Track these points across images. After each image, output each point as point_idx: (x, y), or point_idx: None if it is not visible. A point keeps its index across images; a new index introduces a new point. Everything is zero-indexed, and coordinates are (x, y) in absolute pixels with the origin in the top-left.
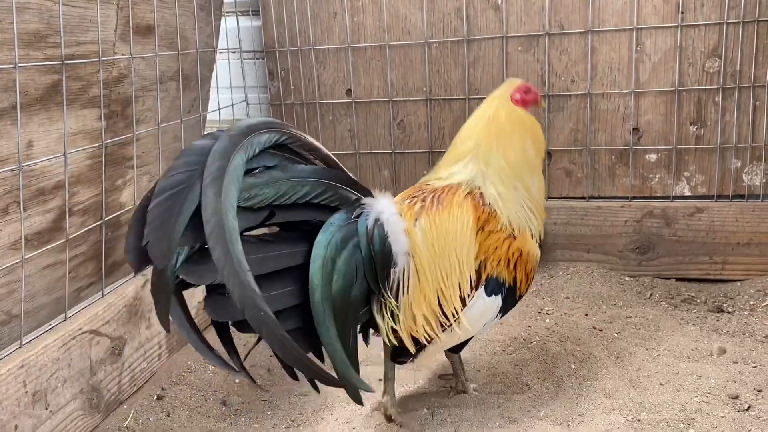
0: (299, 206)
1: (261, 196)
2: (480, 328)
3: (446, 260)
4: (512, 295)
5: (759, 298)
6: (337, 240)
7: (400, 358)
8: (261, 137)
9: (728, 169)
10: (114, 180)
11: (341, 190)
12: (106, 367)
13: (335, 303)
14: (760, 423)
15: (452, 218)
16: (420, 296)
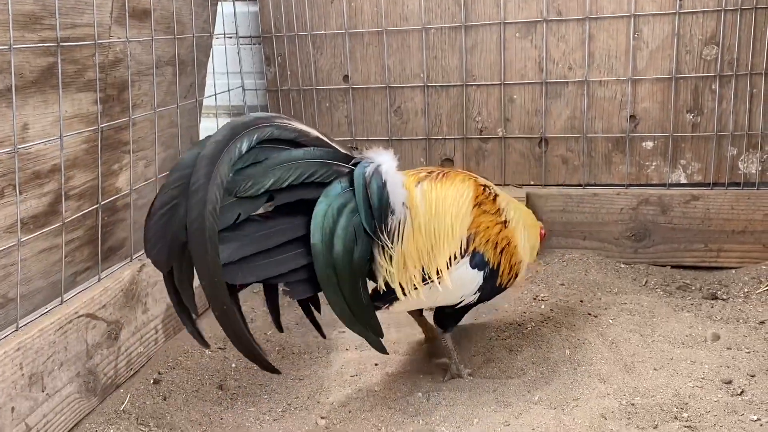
0: (295, 187)
1: (257, 185)
2: (456, 297)
3: (441, 221)
4: (493, 278)
5: (753, 286)
6: (334, 208)
7: (377, 302)
8: (244, 138)
9: (724, 156)
10: (110, 165)
11: (335, 166)
12: (103, 350)
13: (339, 267)
14: (752, 407)
15: (453, 188)
16: (412, 246)
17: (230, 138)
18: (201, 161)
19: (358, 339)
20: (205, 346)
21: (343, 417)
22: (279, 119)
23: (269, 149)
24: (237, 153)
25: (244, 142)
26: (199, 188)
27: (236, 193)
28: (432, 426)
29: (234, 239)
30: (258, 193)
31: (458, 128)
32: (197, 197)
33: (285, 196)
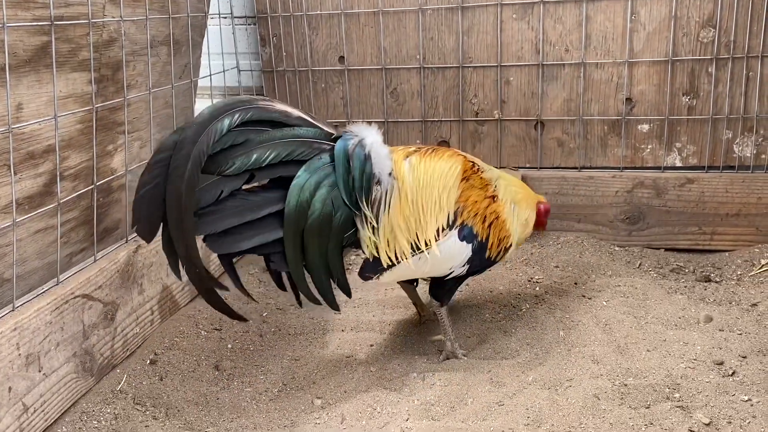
0: (275, 165)
1: (236, 165)
2: (446, 269)
3: (428, 193)
4: (482, 251)
5: (746, 268)
6: (312, 182)
7: (367, 273)
8: (225, 120)
9: (719, 140)
10: (105, 145)
11: (317, 143)
12: (99, 331)
13: (312, 235)
14: (743, 388)
15: (442, 161)
16: (400, 217)
17: (211, 120)
18: (182, 142)
19: (354, 320)
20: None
21: (339, 397)
22: (261, 101)
23: (250, 131)
24: (217, 134)
25: (225, 123)
26: (178, 166)
27: (219, 171)
28: (427, 405)
29: (217, 212)
30: (239, 172)
31: (454, 110)
32: (176, 174)
33: (265, 173)
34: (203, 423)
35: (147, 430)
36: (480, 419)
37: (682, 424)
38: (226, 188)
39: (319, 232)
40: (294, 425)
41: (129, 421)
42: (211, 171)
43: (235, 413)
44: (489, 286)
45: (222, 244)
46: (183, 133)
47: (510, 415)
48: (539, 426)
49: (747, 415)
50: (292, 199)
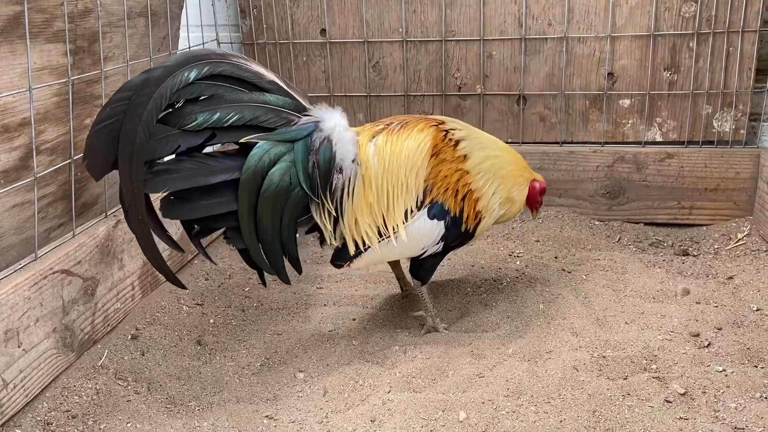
0: (237, 128)
1: (197, 120)
2: (418, 249)
3: (395, 175)
4: (457, 226)
5: (723, 242)
6: (271, 154)
7: (338, 261)
8: (194, 69)
9: (699, 115)
10: (82, 119)
11: (285, 113)
12: (79, 306)
13: (266, 209)
14: (718, 359)
15: (410, 140)
16: (363, 203)
17: (180, 66)
18: (146, 82)
19: (337, 294)
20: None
21: (321, 370)
22: (235, 58)
23: (218, 86)
24: (183, 81)
25: (193, 71)
26: (137, 104)
27: (179, 125)
28: (408, 378)
29: (172, 172)
30: (199, 128)
31: (437, 85)
32: (135, 111)
33: (227, 135)
34: (185, 397)
35: (129, 404)
36: (460, 391)
37: (658, 394)
38: (183, 143)
39: (274, 204)
40: (277, 398)
41: (110, 396)
42: (171, 123)
43: (217, 387)
44: (470, 261)
45: (176, 210)
46: (150, 74)
47: (490, 387)
48: (519, 397)
49: (721, 385)
50: (250, 168)
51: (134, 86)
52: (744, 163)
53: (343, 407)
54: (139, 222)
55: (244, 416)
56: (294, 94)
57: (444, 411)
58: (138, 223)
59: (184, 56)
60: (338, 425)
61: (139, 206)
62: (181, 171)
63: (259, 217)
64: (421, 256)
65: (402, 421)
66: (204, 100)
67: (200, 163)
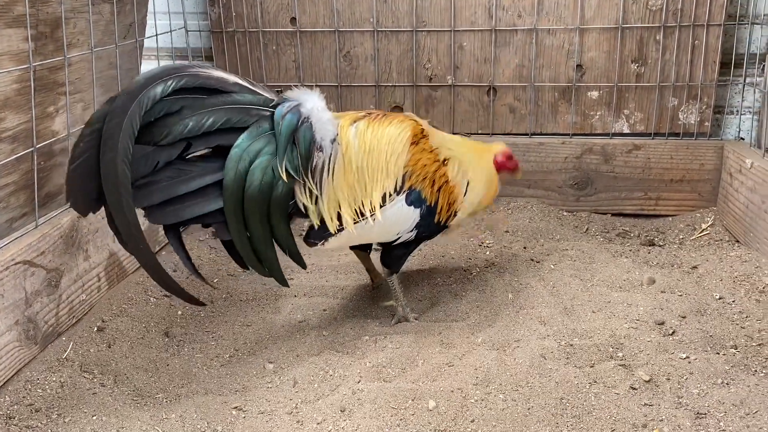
0: (211, 133)
1: (171, 134)
2: (393, 234)
3: (375, 158)
4: (431, 216)
5: (688, 233)
6: (251, 151)
7: (312, 239)
8: (158, 87)
9: (666, 107)
10: (45, 107)
11: (255, 110)
12: (43, 298)
13: (253, 205)
14: (682, 346)
15: (391, 127)
16: (344, 183)
17: (142, 88)
18: (113, 112)
19: (308, 285)
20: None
21: (291, 361)
22: (195, 68)
23: (185, 98)
24: (149, 102)
25: (157, 90)
26: (110, 137)
27: (154, 142)
28: (378, 368)
29: (153, 184)
30: (174, 141)
31: (408, 75)
32: (108, 145)
33: (202, 142)
34: (153, 389)
35: (94, 397)
36: (430, 380)
37: (624, 381)
38: (162, 158)
39: (260, 201)
40: (246, 390)
41: (76, 388)
42: (146, 141)
43: (185, 379)
44: (441, 251)
45: (161, 216)
46: (113, 103)
47: (459, 376)
48: (487, 385)
49: (685, 372)
50: (231, 168)
51: (101, 117)
52: (708, 155)
53: (313, 397)
54: (141, 251)
55: (212, 408)
56: (259, 90)
57: (413, 400)
58: (139, 251)
59: (144, 78)
60: (308, 415)
61: (137, 236)
62: (160, 182)
63: (248, 217)
64: (394, 243)
65: (372, 410)
66: (174, 113)
67: (180, 170)
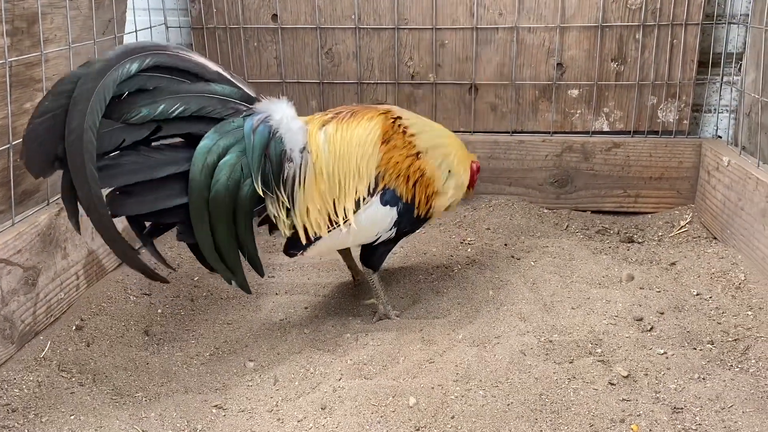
0: (183, 120)
1: (141, 113)
2: (372, 235)
3: (346, 163)
4: (409, 212)
5: (667, 230)
6: (220, 145)
7: (291, 250)
8: (135, 61)
9: (645, 105)
10: (21, 103)
11: (231, 103)
12: (19, 297)
13: (219, 202)
14: (660, 342)
15: (360, 128)
16: (315, 192)
17: (122, 58)
18: (88, 75)
19: (289, 283)
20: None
21: (272, 359)
22: (178, 49)
23: (161, 78)
24: (125, 73)
25: (134, 64)
26: (80, 100)
27: (123, 119)
28: (360, 365)
29: (114, 167)
30: (144, 121)
31: (390, 73)
32: (78, 108)
33: (172, 127)
34: (132, 388)
35: (72, 396)
36: (411, 377)
37: (602, 377)
38: (128, 137)
39: (227, 200)
40: (226, 388)
41: (53, 388)
42: (114, 117)
43: (165, 378)
44: (422, 249)
45: (122, 205)
46: (89, 67)
47: (440, 372)
48: (468, 381)
49: (662, 368)
50: (198, 162)
51: (74, 79)
52: (687, 153)
53: (294, 395)
54: (102, 221)
55: (192, 406)
56: (239, 84)
57: (394, 397)
58: (101, 222)
59: (124, 48)
60: (288, 413)
61: (99, 205)
62: (124, 165)
63: (212, 210)
64: (374, 243)
65: (352, 408)
66: (147, 92)
67: (145, 157)
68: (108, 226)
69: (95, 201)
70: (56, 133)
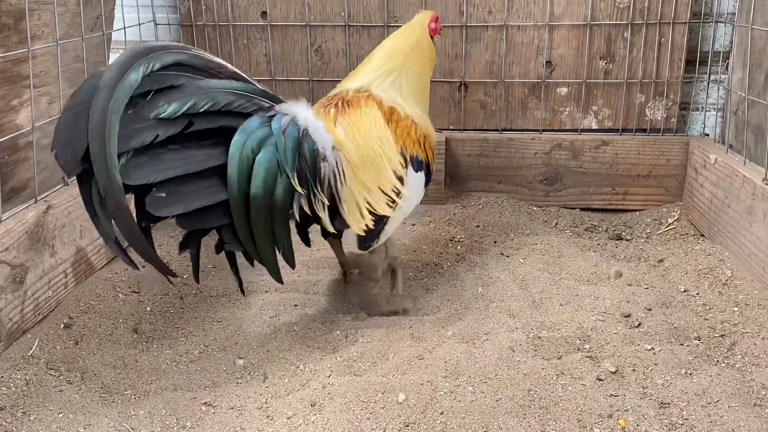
0: (213, 114)
1: (172, 107)
2: (415, 203)
3: (371, 150)
4: (428, 170)
5: (654, 227)
6: (253, 142)
7: (366, 244)
8: (162, 57)
9: (633, 103)
10: (9, 100)
11: (254, 99)
12: (7, 295)
13: (256, 200)
14: (647, 338)
15: (364, 116)
16: (358, 184)
17: (147, 54)
18: (113, 66)
19: None
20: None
21: (262, 357)
22: (196, 50)
23: (186, 75)
24: (150, 67)
25: (158, 61)
26: (105, 87)
27: (156, 114)
28: (350, 362)
29: (154, 160)
30: (175, 115)
31: None
32: (102, 95)
33: (203, 122)
34: (121, 386)
35: (61, 395)
36: (400, 373)
37: (590, 372)
38: (161, 132)
39: (266, 196)
40: (216, 385)
41: (41, 386)
42: (146, 114)
43: (154, 375)
44: (412, 246)
45: (164, 205)
46: (119, 58)
47: (429, 369)
48: (457, 378)
49: (650, 363)
50: (235, 156)
51: (100, 72)
52: (674, 151)
53: (284, 392)
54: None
55: (181, 403)
56: (253, 82)
57: (384, 393)
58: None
59: (149, 46)
60: (278, 410)
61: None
62: (166, 161)
63: (252, 206)
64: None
65: (342, 405)
66: (175, 88)
67: (181, 152)
68: (126, 217)
69: (114, 188)
70: (82, 124)
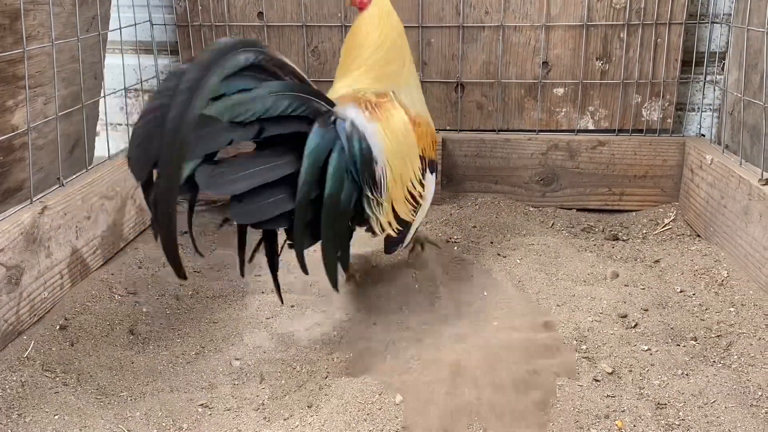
0: (283, 119)
1: (250, 111)
2: (428, 204)
3: (404, 153)
4: (437, 169)
5: (651, 228)
6: (322, 147)
7: (393, 246)
8: (238, 57)
9: (629, 104)
10: (4, 100)
11: (313, 102)
12: (2, 296)
13: (327, 205)
14: (644, 338)
15: (395, 119)
16: (397, 188)
17: (223, 53)
18: (191, 68)
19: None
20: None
21: (258, 358)
22: (266, 47)
23: (254, 78)
24: (230, 69)
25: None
26: (184, 90)
27: (229, 118)
28: (347, 363)
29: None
30: (250, 119)
31: None
32: (182, 97)
33: (275, 126)
34: (117, 387)
35: (56, 396)
36: (397, 374)
37: (587, 373)
38: (236, 136)
39: (338, 201)
40: (212, 387)
41: (37, 388)
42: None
43: (150, 377)
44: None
45: (246, 213)
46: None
47: (426, 370)
48: (454, 379)
49: (646, 364)
50: (311, 157)
51: (179, 73)
52: (671, 151)
53: (280, 394)
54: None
55: (178, 405)
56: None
57: (381, 394)
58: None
59: (227, 42)
60: (275, 412)
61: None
62: (248, 167)
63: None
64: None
65: (339, 406)
66: (246, 91)
67: (256, 159)
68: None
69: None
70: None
